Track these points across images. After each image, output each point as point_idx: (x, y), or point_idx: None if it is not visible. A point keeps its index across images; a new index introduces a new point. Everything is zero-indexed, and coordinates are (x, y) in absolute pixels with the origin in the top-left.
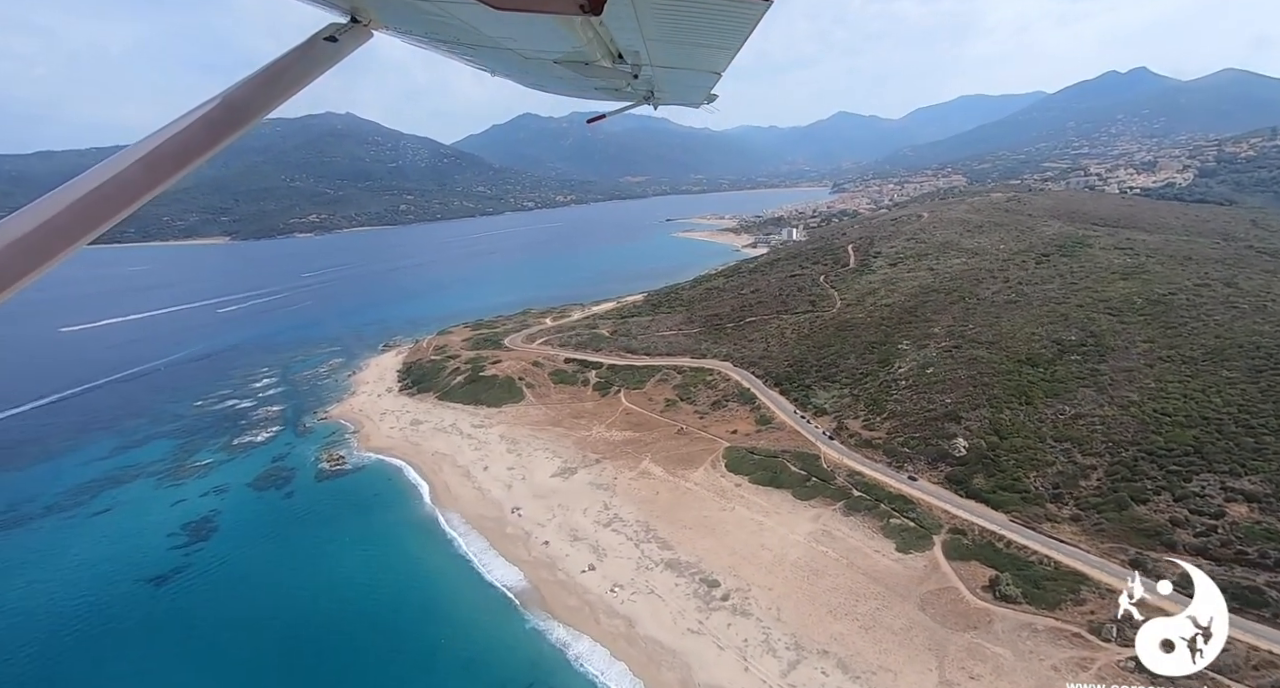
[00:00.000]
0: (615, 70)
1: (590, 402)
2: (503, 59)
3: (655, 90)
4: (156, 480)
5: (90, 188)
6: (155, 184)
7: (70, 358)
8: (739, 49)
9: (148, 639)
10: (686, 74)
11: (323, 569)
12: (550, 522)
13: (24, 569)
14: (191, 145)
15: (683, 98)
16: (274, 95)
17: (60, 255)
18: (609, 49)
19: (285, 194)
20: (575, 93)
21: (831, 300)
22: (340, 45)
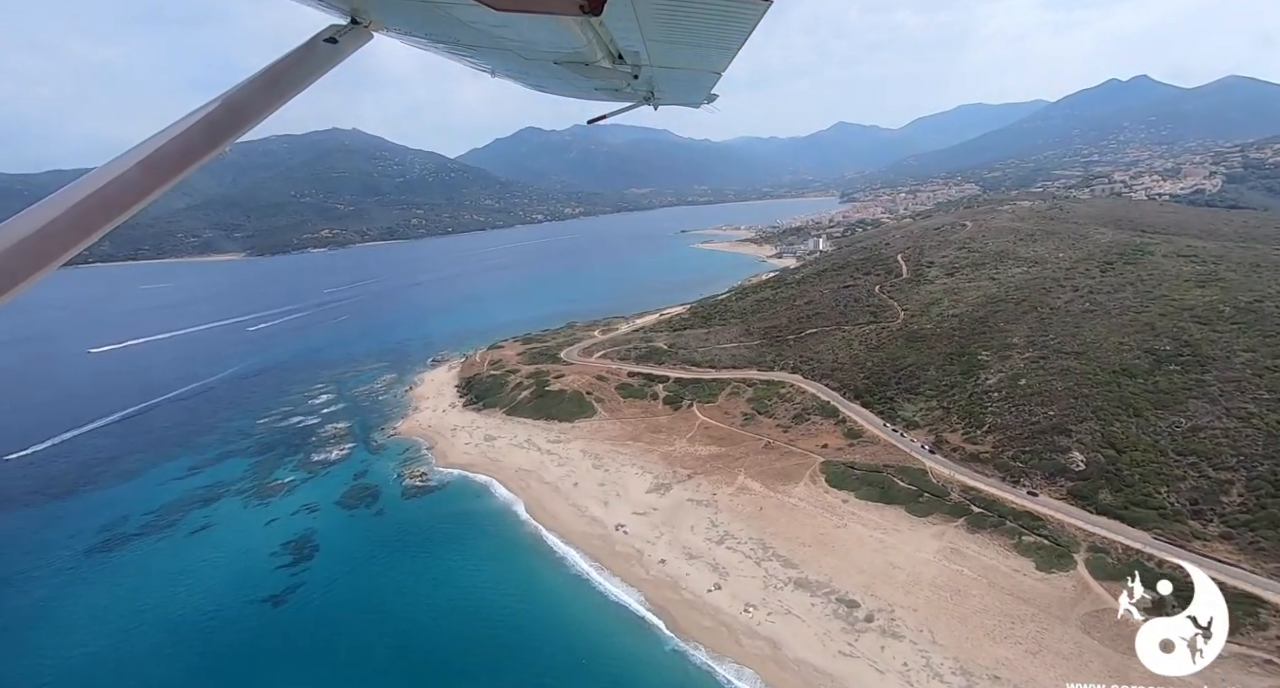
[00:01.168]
0: (615, 71)
1: (664, 416)
2: (503, 60)
3: (655, 91)
4: (243, 499)
5: (91, 191)
6: (155, 187)
7: (118, 378)
8: (739, 49)
9: (274, 661)
10: (686, 74)
11: (441, 589)
12: (659, 540)
13: (137, 591)
14: (191, 148)
15: (683, 98)
16: (274, 97)
17: (61, 257)
18: (609, 49)
19: (296, 209)
20: (575, 93)
21: (893, 311)
22: (340, 47)
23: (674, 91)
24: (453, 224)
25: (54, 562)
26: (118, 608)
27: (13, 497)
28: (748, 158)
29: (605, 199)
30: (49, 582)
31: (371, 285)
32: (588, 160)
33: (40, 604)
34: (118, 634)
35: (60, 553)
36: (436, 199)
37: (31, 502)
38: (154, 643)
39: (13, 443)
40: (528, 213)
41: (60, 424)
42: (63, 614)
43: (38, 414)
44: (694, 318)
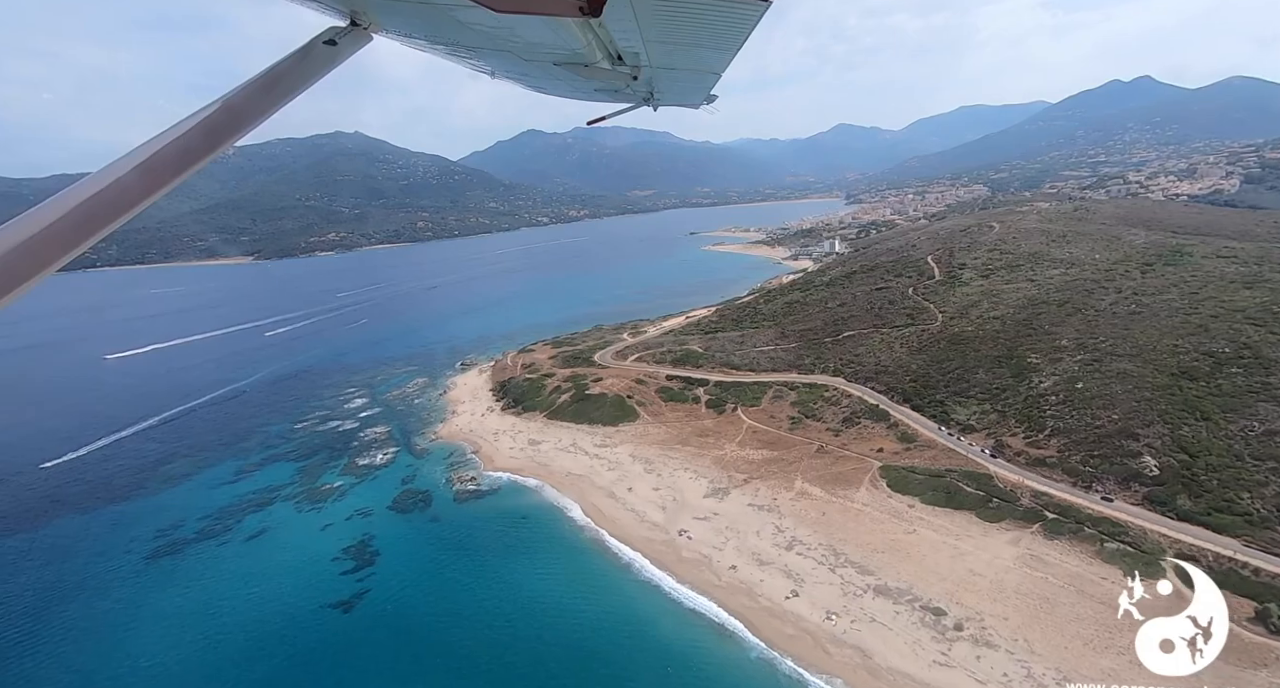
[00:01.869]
0: (615, 71)
1: (709, 420)
2: (503, 61)
3: (655, 91)
4: (295, 504)
5: (91, 193)
6: (156, 189)
7: (146, 383)
8: (738, 50)
9: (353, 667)
10: (686, 75)
11: (511, 594)
12: (726, 545)
13: (208, 596)
14: (192, 149)
15: (682, 99)
16: (274, 99)
17: (61, 260)
18: (608, 50)
19: (302, 213)
20: (575, 95)
21: (930, 314)
22: (340, 48)
23: (674, 92)
24: (458, 227)
25: (119, 567)
26: (194, 613)
27: (66, 501)
28: (748, 160)
29: (609, 201)
30: (120, 587)
31: (385, 289)
32: (589, 163)
33: (117, 610)
34: (200, 639)
35: (124, 558)
36: (440, 202)
37: (85, 507)
38: (237, 647)
39: (55, 448)
40: (532, 215)
41: (97, 430)
42: (142, 620)
43: (73, 420)
44: (723, 320)
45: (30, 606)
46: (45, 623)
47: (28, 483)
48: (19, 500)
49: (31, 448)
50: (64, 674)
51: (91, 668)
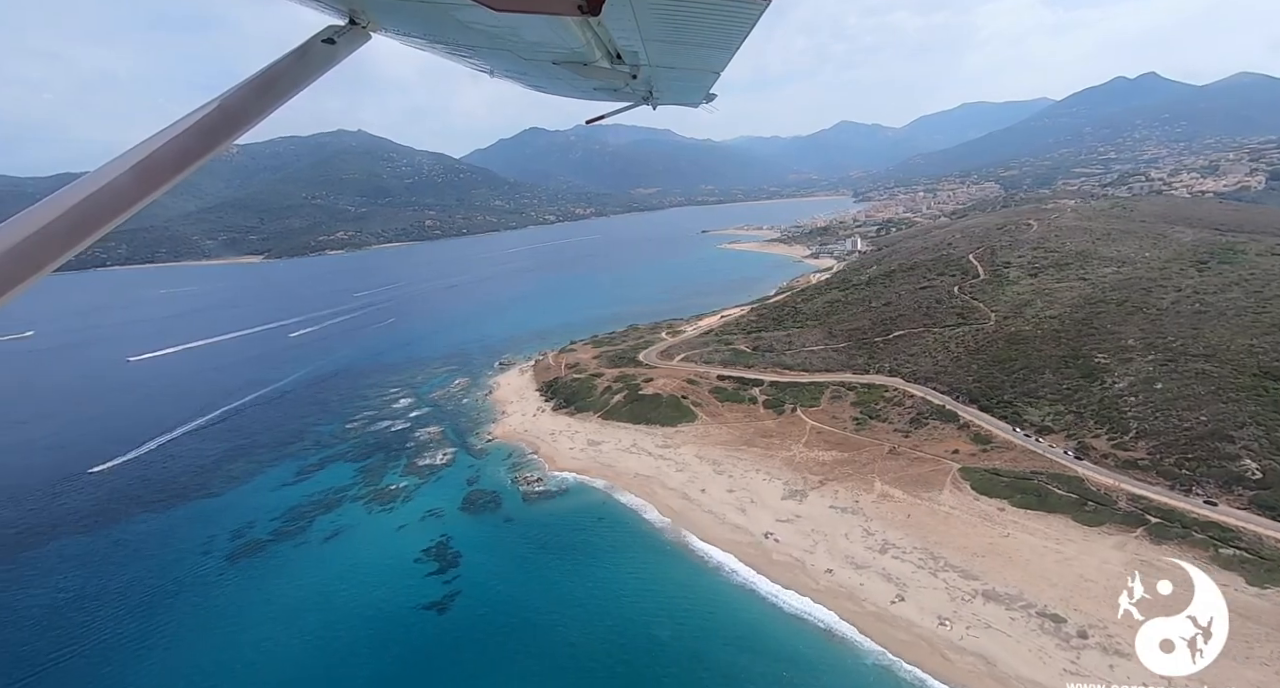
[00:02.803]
0: (614, 70)
1: (769, 420)
2: (501, 60)
3: (654, 90)
4: (364, 505)
5: (89, 193)
6: (155, 188)
7: (184, 384)
8: (737, 49)
9: (456, 670)
10: (685, 74)
11: (606, 597)
12: (816, 548)
13: (298, 598)
14: (191, 148)
15: (682, 97)
16: (271, 99)
17: (58, 260)
18: (607, 49)
19: (309, 212)
20: (574, 93)
21: (981, 313)
22: (338, 47)
23: (673, 91)
24: (466, 225)
25: (204, 568)
26: (292, 612)
27: (135, 500)
28: (750, 158)
29: (614, 199)
30: (210, 588)
31: (403, 288)
32: (592, 161)
33: (214, 610)
34: (305, 639)
35: (205, 559)
36: (447, 200)
37: (153, 507)
38: (343, 647)
39: (110, 449)
40: (540, 214)
41: (145, 432)
42: (242, 620)
43: (118, 422)
44: (763, 320)
45: (136, 604)
46: (152, 622)
47: (88, 485)
48: (89, 503)
49: (81, 452)
50: (180, 675)
51: (204, 667)
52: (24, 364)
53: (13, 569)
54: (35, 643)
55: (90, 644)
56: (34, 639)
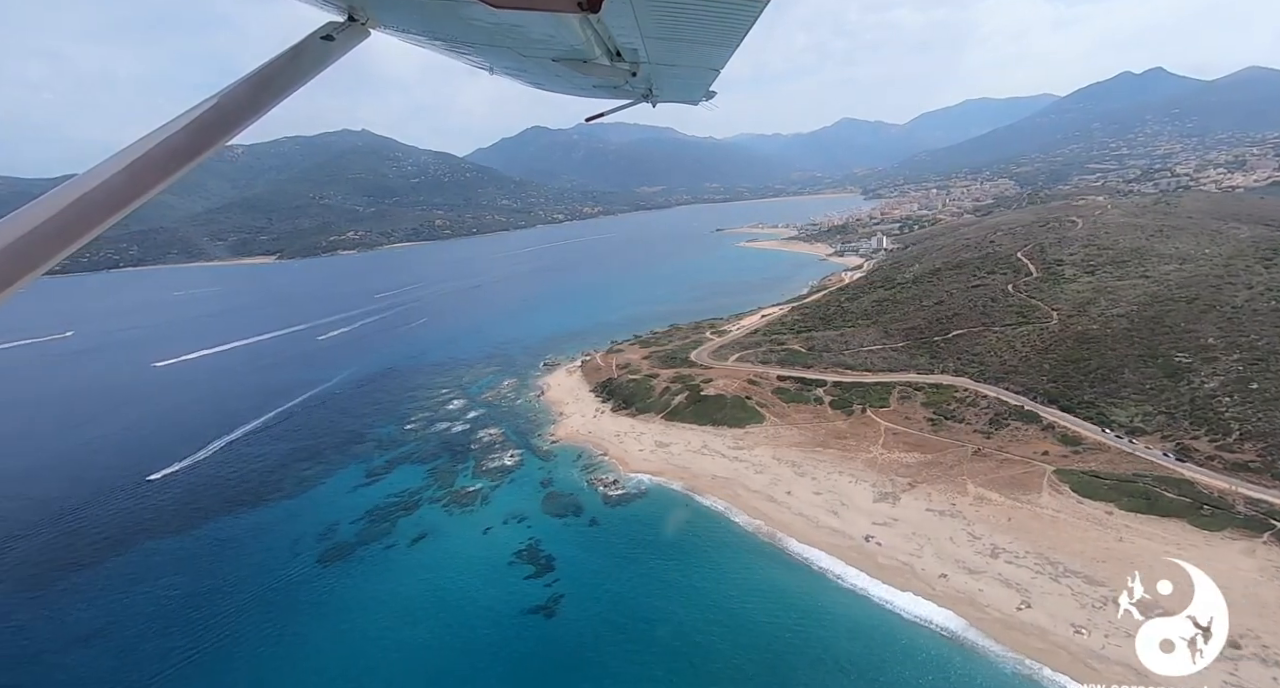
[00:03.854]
0: (613, 68)
1: (840, 421)
2: (501, 57)
3: (654, 88)
4: (442, 507)
5: (82, 192)
6: (151, 187)
7: (220, 391)
8: (737, 46)
9: (578, 674)
10: (685, 71)
11: (714, 602)
12: (923, 552)
13: (405, 599)
14: (190, 146)
15: (681, 95)
16: (270, 96)
17: (52, 260)
18: (607, 47)
19: (318, 212)
20: (574, 91)
21: (1042, 312)
22: (336, 44)
23: (672, 89)
24: (476, 225)
25: (296, 571)
26: (397, 615)
27: (214, 502)
28: (753, 155)
29: (620, 198)
30: (309, 591)
31: (425, 289)
32: (595, 159)
33: (319, 613)
34: (415, 640)
35: (295, 562)
36: (454, 200)
37: (233, 509)
38: (455, 650)
39: (178, 448)
40: (548, 213)
41: (207, 432)
42: (350, 624)
43: (178, 423)
44: (809, 319)
45: (243, 604)
46: (264, 623)
47: (161, 487)
48: (170, 504)
49: (149, 452)
50: (311, 674)
51: (327, 668)
52: (71, 365)
53: (118, 570)
54: (159, 642)
55: (210, 644)
56: (157, 639)
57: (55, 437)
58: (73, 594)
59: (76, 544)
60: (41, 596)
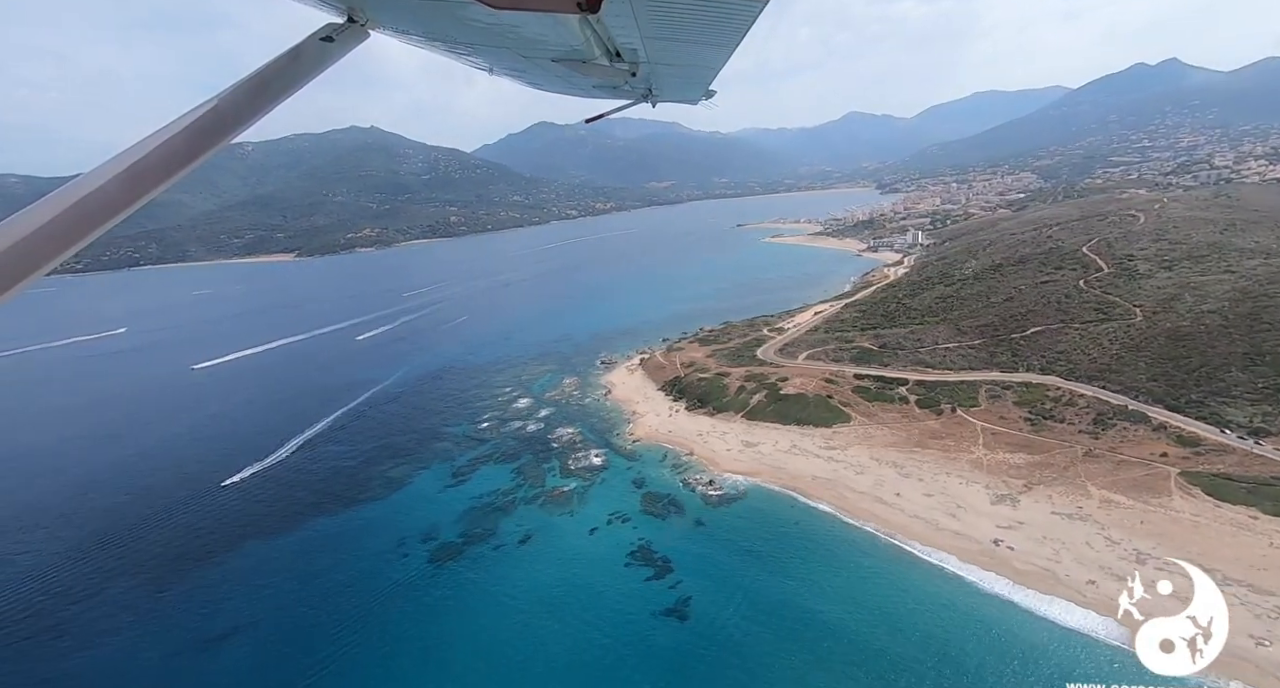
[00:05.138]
0: (613, 68)
1: (931, 421)
2: (500, 58)
3: (653, 88)
4: (539, 507)
5: (85, 194)
6: (153, 187)
7: (274, 391)
8: (737, 46)
9: (725, 678)
10: (684, 71)
11: (852, 605)
12: (1061, 557)
13: (534, 598)
14: (188, 149)
15: (681, 95)
16: (270, 97)
17: (56, 259)
18: (607, 47)
19: (332, 209)
20: (574, 91)
21: (1122, 308)
22: (336, 45)
23: (672, 89)
24: (490, 221)
25: (408, 572)
26: (528, 614)
27: (305, 503)
28: (759, 150)
29: (631, 194)
30: (427, 592)
31: (454, 287)
32: (603, 155)
33: (445, 616)
34: (552, 639)
35: (405, 563)
36: (465, 196)
37: (327, 510)
38: (598, 650)
39: (262, 443)
40: (561, 209)
41: (280, 432)
42: (476, 626)
43: (247, 422)
44: (869, 316)
45: (365, 606)
46: (388, 625)
47: (246, 489)
48: (260, 505)
49: (229, 450)
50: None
51: (464, 672)
52: (130, 363)
53: (233, 570)
54: (295, 642)
55: (346, 643)
56: (293, 639)
57: (133, 437)
58: (196, 593)
59: (183, 545)
60: (166, 595)
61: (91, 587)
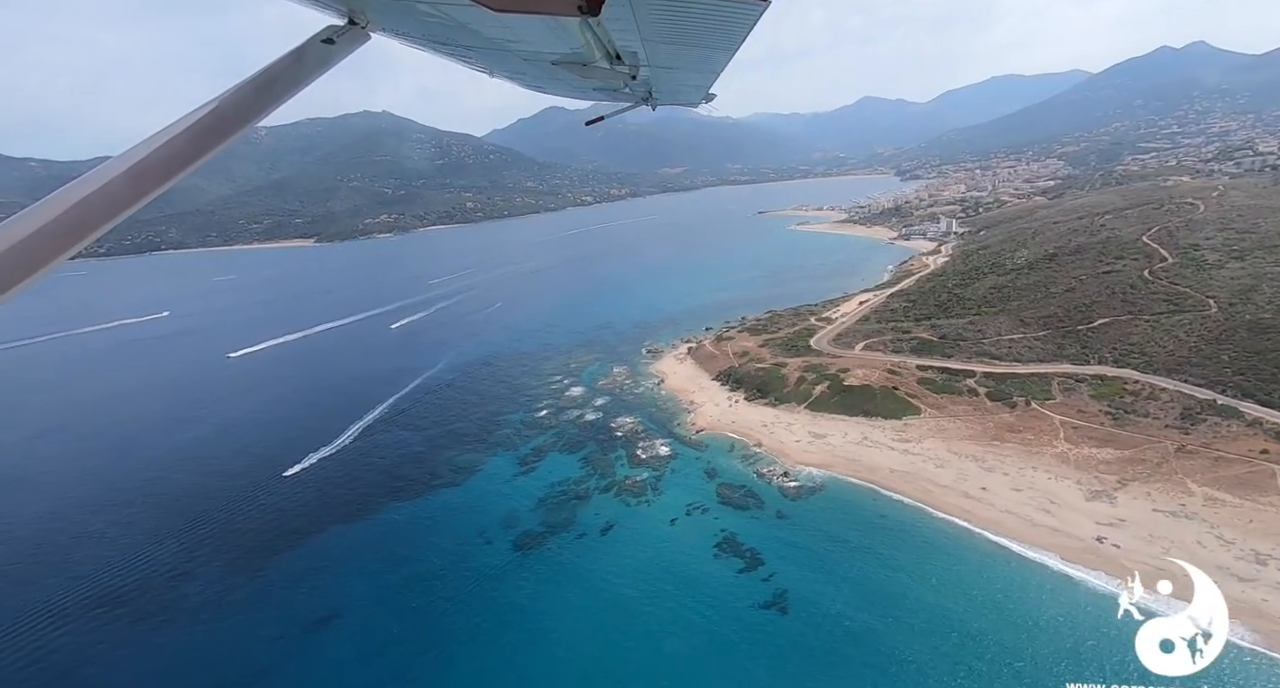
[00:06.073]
0: (613, 71)
1: (1005, 415)
2: (501, 61)
3: (653, 91)
4: (614, 496)
5: (87, 193)
6: (155, 187)
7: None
8: (737, 49)
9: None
10: (684, 74)
11: (963, 602)
12: (1174, 555)
13: (636, 592)
14: (187, 151)
15: (681, 98)
16: (270, 99)
17: (58, 259)
18: (607, 50)
19: (347, 194)
20: (574, 94)
21: (1194, 300)
22: (337, 48)
23: (672, 92)
24: (506, 207)
25: (495, 560)
26: (625, 603)
27: (376, 489)
28: (773, 135)
29: (646, 179)
30: (518, 579)
31: (482, 274)
32: (615, 140)
33: (543, 604)
34: (657, 629)
35: (489, 550)
36: (479, 181)
37: (399, 497)
38: (702, 641)
39: (332, 425)
40: (575, 195)
41: (338, 418)
42: (577, 616)
43: (305, 407)
44: (922, 306)
45: (452, 592)
46: (487, 612)
47: (314, 474)
48: (334, 491)
49: (293, 434)
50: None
51: (569, 661)
52: (179, 347)
53: (318, 556)
54: (393, 627)
55: (446, 628)
56: (391, 624)
57: (202, 420)
58: (289, 577)
59: (265, 528)
60: (261, 577)
61: (187, 567)
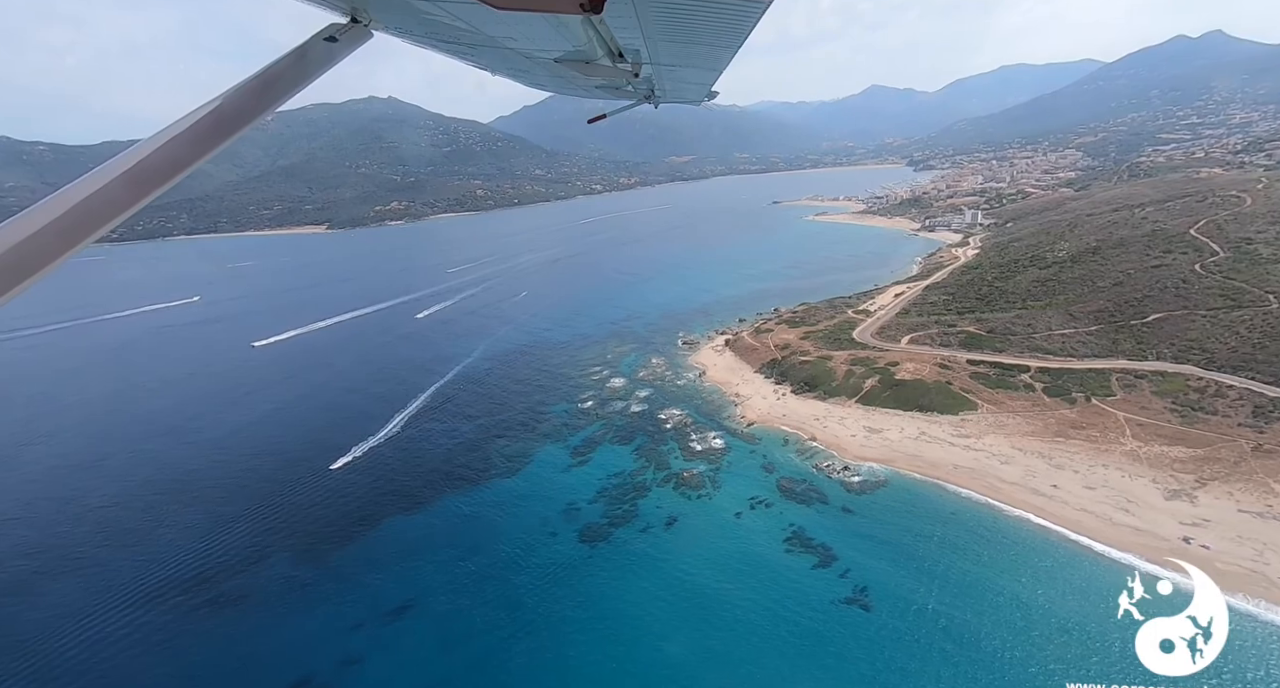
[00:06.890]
0: (616, 69)
1: (1065, 411)
2: (503, 58)
3: (656, 89)
4: (673, 489)
5: (90, 192)
6: (160, 184)
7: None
8: (740, 47)
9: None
10: (687, 72)
11: (1054, 601)
12: (1268, 558)
13: (703, 583)
14: (193, 147)
15: (683, 96)
16: (274, 95)
17: (60, 258)
18: (610, 48)
19: (357, 181)
20: (576, 92)
21: (1253, 295)
22: (340, 45)
23: (674, 89)
24: (516, 196)
25: (563, 551)
26: (699, 598)
27: (431, 480)
28: (780, 124)
29: (655, 168)
30: (588, 569)
31: (502, 263)
32: (622, 128)
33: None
34: (740, 627)
35: (555, 542)
36: (488, 169)
37: (456, 488)
38: (785, 639)
39: (379, 411)
40: (585, 183)
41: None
42: (651, 612)
43: (350, 394)
44: (963, 299)
45: (526, 582)
46: (555, 601)
47: (370, 463)
48: (391, 479)
49: (342, 420)
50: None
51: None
52: (212, 332)
53: (387, 544)
54: (474, 616)
55: (524, 617)
56: (471, 613)
57: (248, 404)
58: (357, 567)
59: (324, 518)
60: (329, 567)
61: (259, 553)
